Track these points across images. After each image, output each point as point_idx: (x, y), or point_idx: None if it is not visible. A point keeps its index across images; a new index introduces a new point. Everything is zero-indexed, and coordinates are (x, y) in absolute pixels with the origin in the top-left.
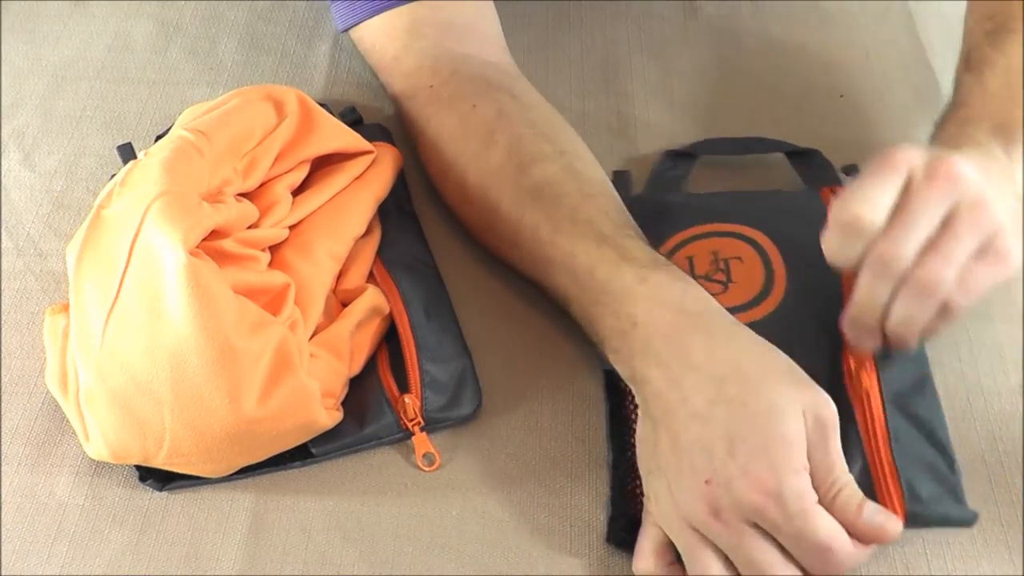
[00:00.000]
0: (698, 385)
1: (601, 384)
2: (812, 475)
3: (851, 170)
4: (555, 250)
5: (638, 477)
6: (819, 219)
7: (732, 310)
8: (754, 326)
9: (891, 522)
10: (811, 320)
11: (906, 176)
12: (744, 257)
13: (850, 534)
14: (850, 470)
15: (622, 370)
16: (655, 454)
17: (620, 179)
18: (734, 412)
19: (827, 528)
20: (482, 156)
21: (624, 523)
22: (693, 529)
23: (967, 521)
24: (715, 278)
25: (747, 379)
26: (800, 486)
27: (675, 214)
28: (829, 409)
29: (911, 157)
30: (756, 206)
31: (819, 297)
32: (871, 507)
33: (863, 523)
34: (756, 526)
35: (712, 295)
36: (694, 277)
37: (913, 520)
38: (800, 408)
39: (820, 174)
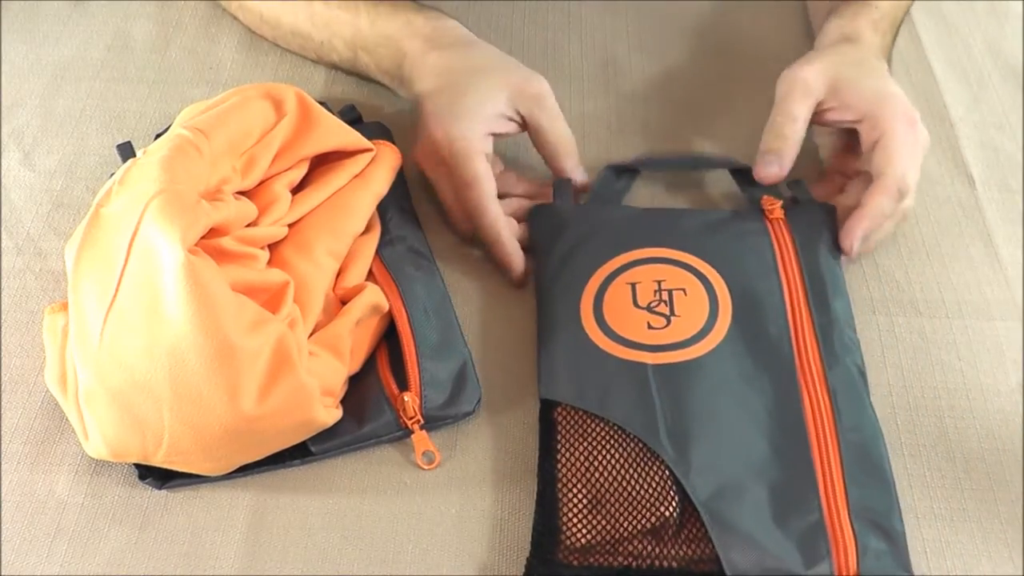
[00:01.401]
0: (433, 81)
1: None
2: (535, 136)
3: (795, 186)
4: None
5: (567, 510)
6: (765, 248)
7: (672, 346)
8: (693, 364)
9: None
10: (752, 359)
11: None
12: (689, 290)
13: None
14: (806, 518)
15: (405, 92)
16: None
17: (560, 188)
18: (451, 94)
19: (476, 169)
20: None
21: (542, 568)
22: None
23: None
24: (657, 310)
25: (469, 70)
26: (467, 134)
27: (620, 232)
28: (538, 85)
29: None
30: (704, 231)
31: (763, 335)
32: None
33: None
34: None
35: (655, 329)
36: (635, 305)
37: None
38: (504, 89)
39: (762, 189)
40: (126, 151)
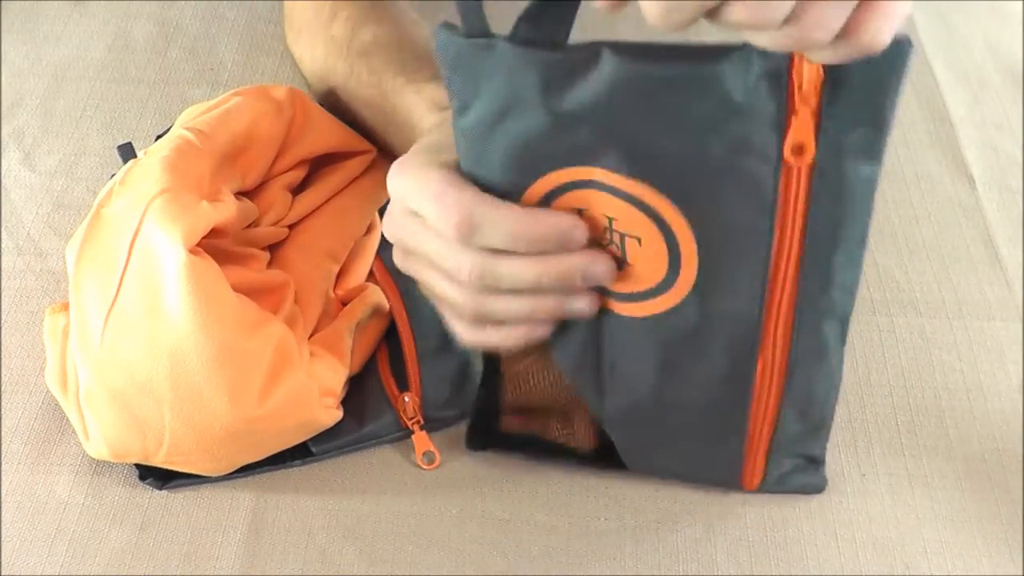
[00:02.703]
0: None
1: None
2: None
3: None
4: (377, 93)
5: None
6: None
7: (625, 297)
8: (640, 322)
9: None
10: (712, 325)
11: None
12: (645, 240)
13: None
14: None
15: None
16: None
17: (468, 12)
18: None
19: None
20: (327, 29)
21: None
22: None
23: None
24: (609, 249)
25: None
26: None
27: (572, 136)
28: None
29: None
30: (687, 135)
31: (731, 298)
32: None
33: None
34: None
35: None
36: None
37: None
38: None
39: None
40: (126, 152)
